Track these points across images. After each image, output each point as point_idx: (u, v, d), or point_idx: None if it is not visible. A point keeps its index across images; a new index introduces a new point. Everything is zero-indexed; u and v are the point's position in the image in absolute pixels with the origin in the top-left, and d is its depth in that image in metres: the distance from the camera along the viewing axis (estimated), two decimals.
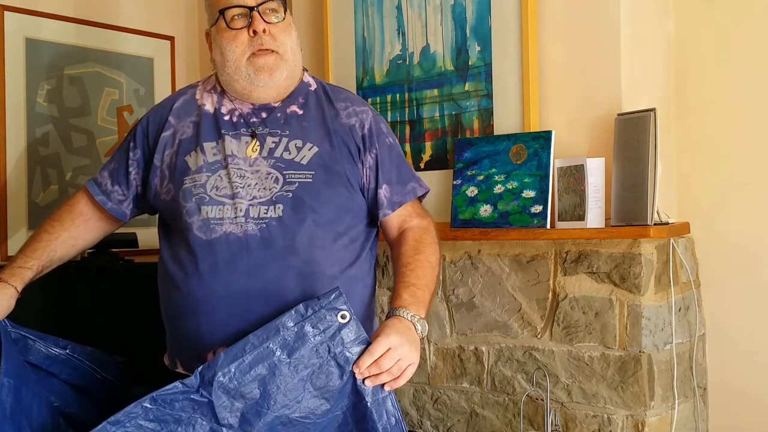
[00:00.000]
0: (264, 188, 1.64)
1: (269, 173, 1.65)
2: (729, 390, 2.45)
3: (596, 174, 2.21)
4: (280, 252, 1.61)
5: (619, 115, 2.22)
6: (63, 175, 2.99)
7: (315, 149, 1.68)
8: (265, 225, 1.62)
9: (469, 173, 2.47)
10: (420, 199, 1.81)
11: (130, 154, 1.80)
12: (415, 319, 1.54)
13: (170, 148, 1.74)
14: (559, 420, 2.32)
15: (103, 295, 2.54)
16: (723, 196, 2.45)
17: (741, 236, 2.42)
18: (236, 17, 1.65)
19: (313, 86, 1.78)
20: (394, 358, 1.45)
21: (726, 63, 2.45)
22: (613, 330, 2.23)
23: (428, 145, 2.64)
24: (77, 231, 1.84)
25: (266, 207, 1.63)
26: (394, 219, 1.75)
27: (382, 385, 1.45)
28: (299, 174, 1.65)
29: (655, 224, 2.15)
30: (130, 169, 1.80)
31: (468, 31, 2.53)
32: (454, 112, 2.58)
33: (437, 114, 2.62)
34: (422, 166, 2.65)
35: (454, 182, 2.49)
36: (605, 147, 2.28)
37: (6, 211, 2.82)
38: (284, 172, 1.65)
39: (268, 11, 1.65)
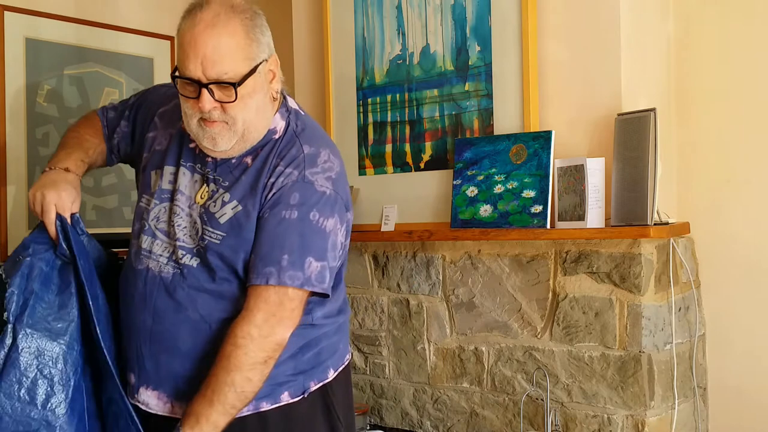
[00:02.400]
0: (188, 235, 1.60)
1: (195, 222, 1.60)
2: (729, 390, 2.45)
3: (596, 174, 2.21)
4: (181, 302, 1.58)
5: (619, 115, 2.22)
6: None
7: (238, 209, 1.58)
8: (179, 271, 1.59)
9: (469, 173, 2.47)
10: (317, 294, 1.58)
11: (122, 122, 1.79)
12: None
13: (147, 152, 1.71)
14: (559, 420, 2.32)
15: None
16: (723, 196, 2.45)
17: (741, 236, 2.42)
18: (187, 85, 1.52)
19: (278, 134, 1.62)
20: None
21: (726, 63, 2.45)
22: (613, 330, 2.23)
23: (428, 145, 2.64)
24: (105, 145, 1.83)
25: (184, 253, 1.59)
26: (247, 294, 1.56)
27: None
28: (212, 233, 1.58)
29: (655, 224, 2.15)
30: (115, 135, 1.79)
31: (468, 31, 2.53)
32: (454, 112, 2.58)
33: (437, 114, 2.62)
34: (422, 166, 2.65)
35: (454, 182, 2.49)
36: (605, 147, 2.28)
37: (6, 211, 2.82)
38: (204, 227, 1.59)
39: (220, 88, 1.50)
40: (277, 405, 1.62)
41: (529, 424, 2.38)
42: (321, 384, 1.68)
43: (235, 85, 1.49)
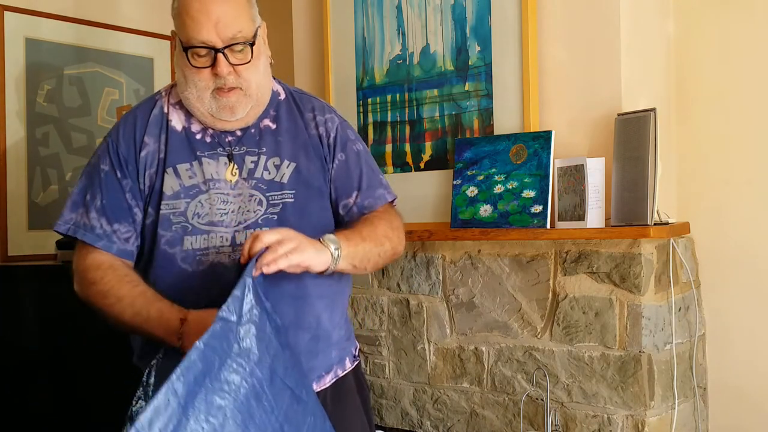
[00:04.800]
0: (249, 211, 1.58)
1: (252, 195, 1.59)
2: (729, 390, 2.46)
3: (596, 174, 2.21)
4: (271, 278, 1.51)
5: (619, 115, 2.22)
6: (63, 175, 2.99)
7: (293, 165, 1.62)
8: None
9: (469, 173, 2.47)
10: (392, 204, 1.77)
11: (122, 184, 1.60)
12: (319, 237, 1.47)
13: (150, 168, 1.61)
14: (559, 420, 2.32)
15: None
16: (723, 196, 2.45)
17: (741, 236, 2.42)
18: (199, 55, 1.53)
19: (282, 95, 1.70)
20: (277, 233, 1.39)
21: (726, 63, 2.45)
22: (613, 330, 2.23)
23: (428, 145, 2.64)
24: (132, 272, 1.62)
25: (253, 231, 1.56)
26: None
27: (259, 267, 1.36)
28: (281, 194, 1.60)
29: (655, 224, 2.15)
30: (131, 202, 1.60)
31: (468, 31, 2.53)
32: (454, 112, 2.58)
33: (437, 114, 2.62)
34: (422, 166, 2.65)
35: (454, 182, 2.49)
36: (605, 147, 2.28)
37: (6, 211, 2.83)
38: (267, 194, 1.59)
39: (234, 51, 1.53)
40: (344, 372, 1.69)
41: (529, 424, 2.38)
42: (357, 352, 1.77)
43: (251, 44, 1.54)
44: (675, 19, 2.53)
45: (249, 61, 1.55)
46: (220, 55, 1.51)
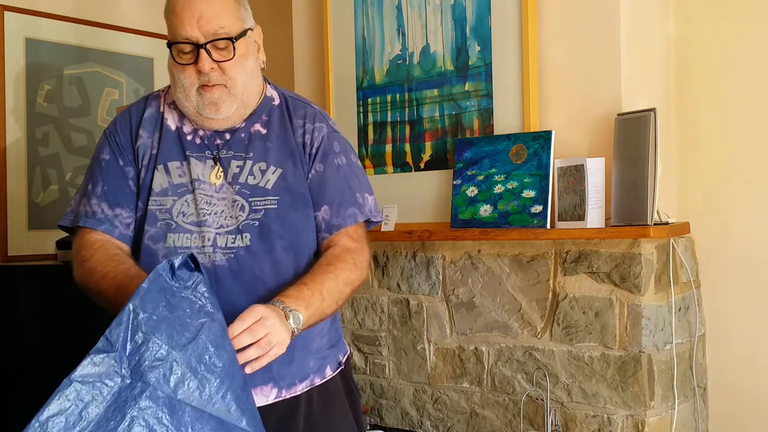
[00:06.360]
0: (231, 216, 1.59)
1: (235, 201, 1.60)
2: (729, 390, 2.45)
3: (596, 174, 2.21)
4: (249, 283, 1.56)
5: (619, 115, 2.22)
6: (63, 175, 2.99)
7: (279, 171, 1.63)
8: (233, 255, 1.58)
9: (469, 173, 2.47)
10: (368, 223, 1.72)
11: (125, 171, 1.65)
12: (287, 310, 1.42)
13: (143, 160, 1.65)
14: (559, 420, 2.32)
15: None
16: (723, 196, 2.45)
17: (741, 236, 2.42)
18: (184, 52, 1.57)
19: (277, 100, 1.70)
20: (267, 327, 1.36)
21: (726, 63, 2.45)
22: (613, 330, 2.23)
23: (428, 145, 2.64)
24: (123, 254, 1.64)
25: (233, 236, 1.58)
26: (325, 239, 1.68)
27: (243, 366, 1.34)
28: (264, 200, 1.60)
29: (655, 224, 2.15)
30: (134, 189, 1.65)
31: (468, 31, 2.53)
32: (454, 112, 2.58)
33: (437, 114, 2.62)
34: (422, 166, 2.65)
35: (454, 182, 2.49)
36: (605, 147, 2.28)
37: (6, 211, 2.83)
38: (250, 200, 1.60)
39: (217, 48, 1.55)
40: (323, 380, 1.66)
41: (529, 424, 2.38)
42: (345, 357, 1.74)
43: (233, 39, 1.55)
44: (675, 19, 2.53)
45: (231, 58, 1.56)
46: (202, 50, 1.54)
